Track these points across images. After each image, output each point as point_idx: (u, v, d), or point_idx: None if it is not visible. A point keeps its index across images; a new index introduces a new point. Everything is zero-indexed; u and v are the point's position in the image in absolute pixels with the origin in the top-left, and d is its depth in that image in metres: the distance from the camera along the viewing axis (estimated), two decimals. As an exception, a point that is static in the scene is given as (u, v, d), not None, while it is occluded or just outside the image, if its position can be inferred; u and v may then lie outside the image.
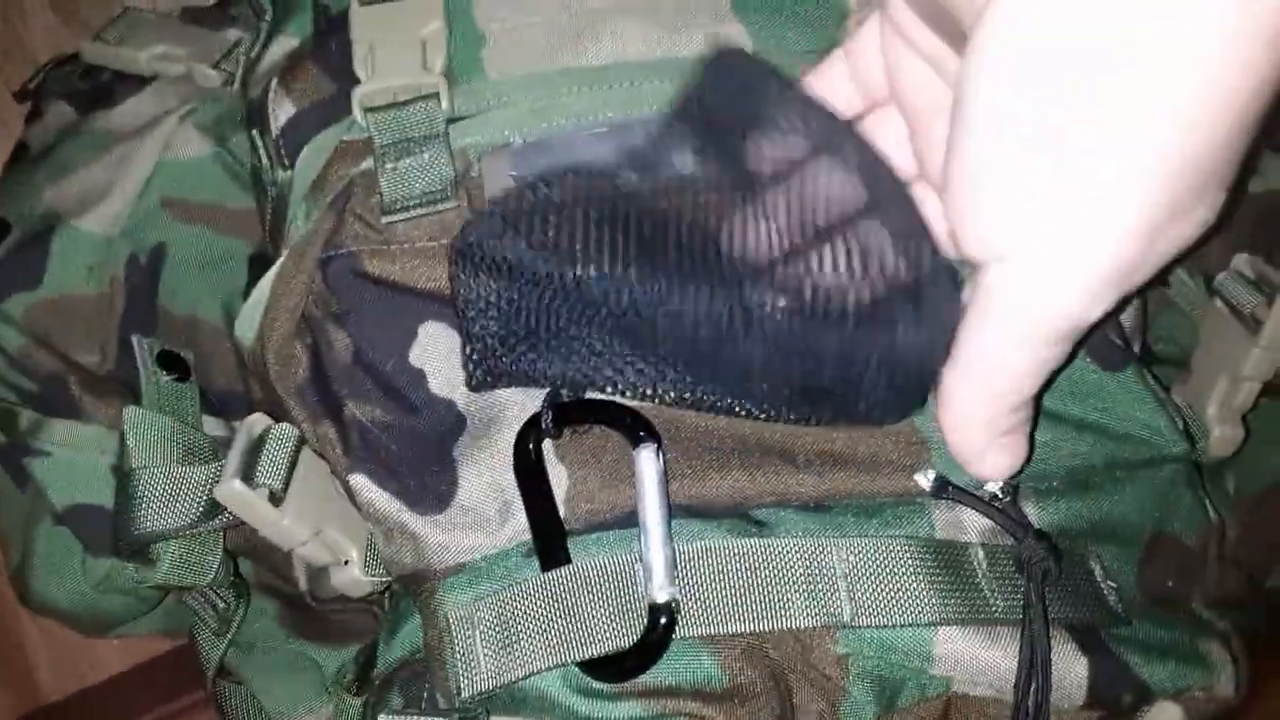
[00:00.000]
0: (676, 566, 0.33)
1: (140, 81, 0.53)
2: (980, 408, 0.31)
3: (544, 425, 0.36)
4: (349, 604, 0.51)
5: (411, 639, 0.42)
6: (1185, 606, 0.39)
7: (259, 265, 0.50)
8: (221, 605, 0.47)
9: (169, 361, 0.48)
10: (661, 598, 0.33)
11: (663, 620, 0.33)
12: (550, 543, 0.35)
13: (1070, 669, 0.35)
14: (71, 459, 0.45)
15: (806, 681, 0.35)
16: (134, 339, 0.48)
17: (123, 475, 0.41)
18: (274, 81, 0.43)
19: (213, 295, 0.51)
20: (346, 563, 0.40)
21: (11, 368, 0.47)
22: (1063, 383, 0.37)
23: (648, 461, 0.34)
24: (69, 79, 0.56)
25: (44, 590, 0.48)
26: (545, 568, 0.35)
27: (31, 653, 0.86)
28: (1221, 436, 0.41)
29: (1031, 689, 0.34)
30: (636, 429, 0.35)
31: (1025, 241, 0.27)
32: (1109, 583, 0.37)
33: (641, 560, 0.33)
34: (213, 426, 0.49)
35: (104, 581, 0.46)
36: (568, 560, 0.35)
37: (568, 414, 0.36)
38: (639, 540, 0.34)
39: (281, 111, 0.43)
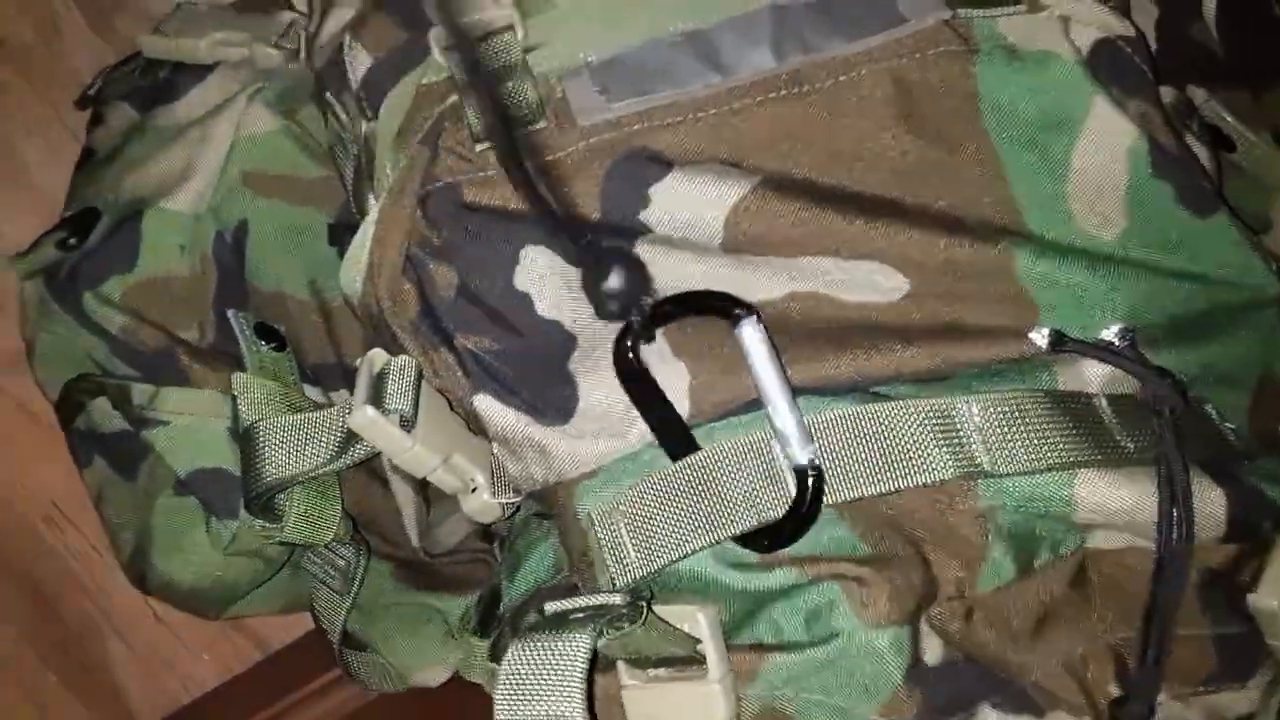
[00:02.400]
0: (809, 430, 0.34)
1: (200, 71, 0.54)
2: None
3: (634, 328, 0.36)
4: (460, 557, 0.52)
5: (535, 574, 0.44)
6: (1299, 446, 0.40)
7: (339, 233, 0.51)
8: (343, 563, 0.48)
9: (265, 333, 0.49)
10: (803, 458, 0.33)
11: (811, 480, 0.33)
12: (674, 436, 0.36)
13: (1207, 500, 0.35)
14: (189, 424, 0.46)
15: (945, 550, 0.36)
16: (230, 313, 0.49)
17: (245, 430, 0.42)
18: (347, 37, 0.44)
19: (296, 269, 0.52)
20: (474, 490, 0.41)
21: (118, 346, 0.48)
22: (1155, 231, 0.38)
23: (751, 334, 0.34)
24: (127, 79, 0.57)
25: (167, 568, 0.49)
26: (675, 458, 0.36)
27: (119, 672, 0.87)
28: (1314, 277, 0.42)
29: (1174, 522, 0.34)
30: (730, 307, 0.35)
31: None
32: (1226, 423, 0.38)
33: (774, 429, 0.34)
34: (312, 394, 0.50)
35: (231, 544, 0.46)
36: (696, 449, 0.36)
37: (661, 314, 0.37)
38: (767, 413, 0.34)
39: (359, 64, 0.44)
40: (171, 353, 0.47)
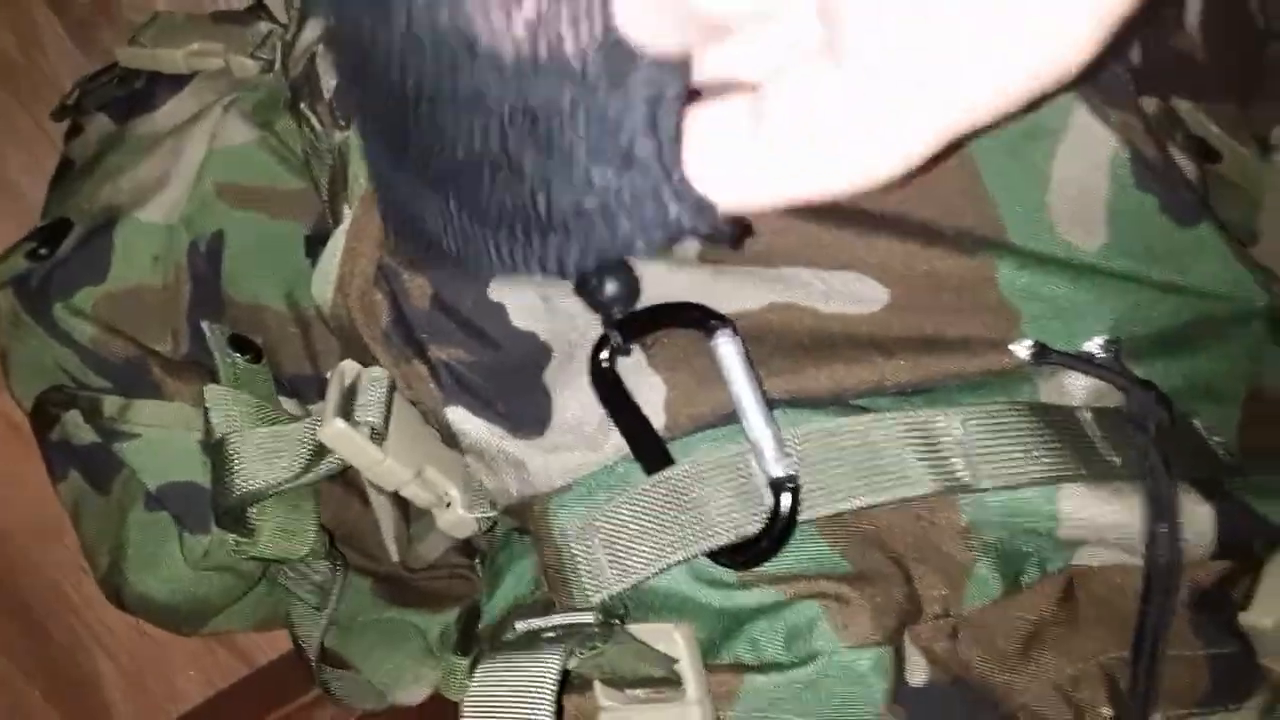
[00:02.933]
0: (785, 443, 0.33)
1: (177, 81, 0.54)
2: None
3: (610, 340, 0.36)
4: (440, 572, 0.52)
5: (515, 590, 0.43)
6: (1291, 461, 0.39)
7: (316, 244, 0.51)
8: (319, 578, 0.47)
9: (240, 345, 0.49)
10: (778, 471, 0.33)
11: (785, 494, 0.33)
12: (649, 449, 0.35)
13: (1195, 516, 0.34)
14: (161, 437, 0.46)
15: (928, 567, 0.35)
16: (204, 324, 0.49)
17: (216, 443, 0.41)
18: (319, 46, 0.44)
19: (273, 281, 0.51)
20: (449, 505, 0.40)
21: (88, 357, 0.47)
22: (1139, 243, 0.37)
23: (727, 346, 0.34)
24: (105, 90, 0.57)
25: (140, 582, 0.48)
26: (650, 472, 0.35)
27: (105, 687, 0.86)
28: (1303, 286, 0.41)
29: (1161, 539, 0.34)
30: (705, 319, 0.35)
31: None
32: (1215, 438, 0.37)
33: (750, 442, 0.33)
34: (289, 407, 0.50)
35: (203, 559, 0.46)
36: (670, 462, 0.35)
37: (635, 326, 0.36)
38: (743, 426, 0.34)
39: (330, 74, 0.43)
40: (143, 364, 0.47)
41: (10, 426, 0.78)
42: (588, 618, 0.33)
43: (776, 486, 0.33)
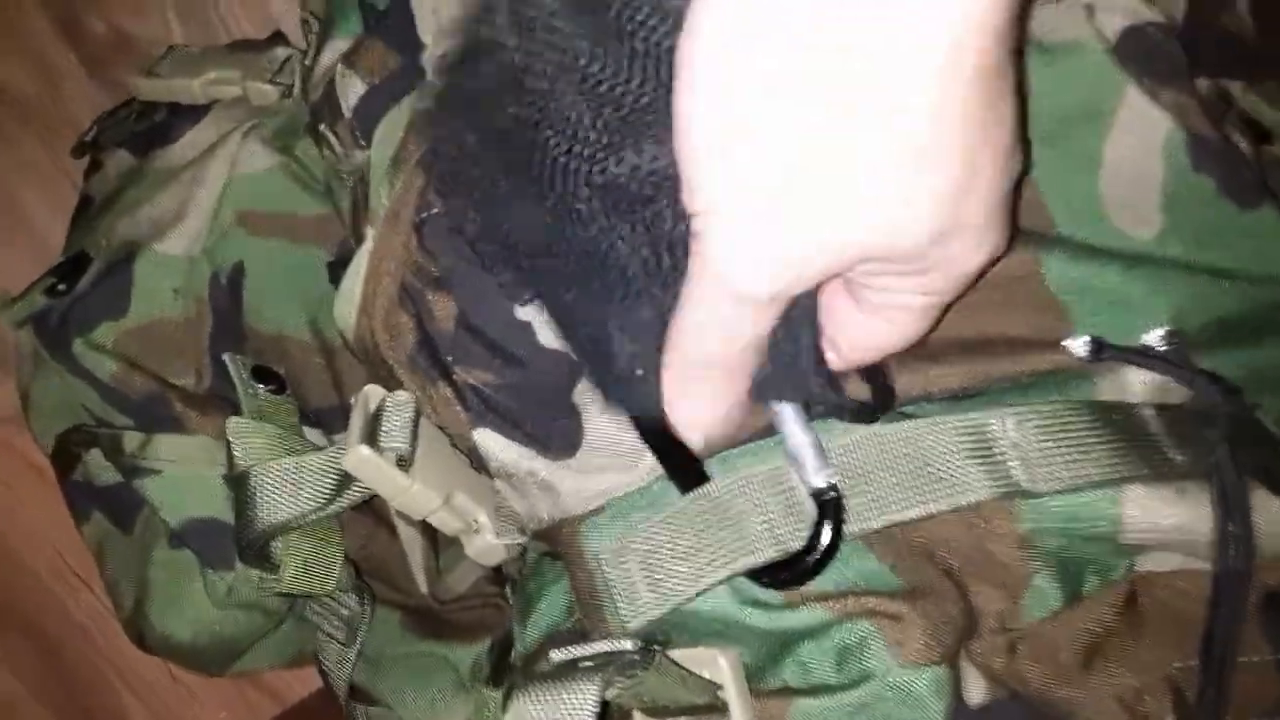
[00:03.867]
0: (826, 453, 0.32)
1: (195, 112, 0.53)
2: (670, 352, 0.30)
3: None
4: (471, 602, 0.50)
5: (549, 618, 0.41)
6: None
7: (339, 270, 0.50)
8: (346, 612, 0.46)
9: (264, 376, 0.48)
10: (819, 482, 0.31)
11: (829, 504, 0.31)
12: (684, 468, 0.34)
13: (1266, 513, 0.32)
14: (182, 473, 0.45)
15: (984, 580, 0.33)
16: (226, 357, 0.48)
17: (238, 476, 0.40)
18: (340, 65, 0.43)
19: (297, 310, 0.50)
20: (478, 531, 0.39)
21: (109, 394, 0.46)
22: (1197, 228, 0.36)
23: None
24: (123, 125, 0.56)
25: (164, 624, 0.47)
26: (685, 491, 0.33)
27: (134, 727, 0.85)
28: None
29: (1231, 540, 0.32)
30: None
31: (732, 202, 0.26)
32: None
33: (788, 453, 0.32)
34: (314, 438, 0.48)
35: (228, 597, 0.44)
36: (706, 479, 0.33)
37: None
38: (782, 436, 0.32)
39: (351, 91, 0.43)
40: (164, 399, 0.46)
41: (34, 470, 0.77)
42: (626, 644, 0.31)
43: (818, 498, 0.31)
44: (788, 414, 0.32)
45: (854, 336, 0.30)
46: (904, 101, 0.24)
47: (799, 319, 0.29)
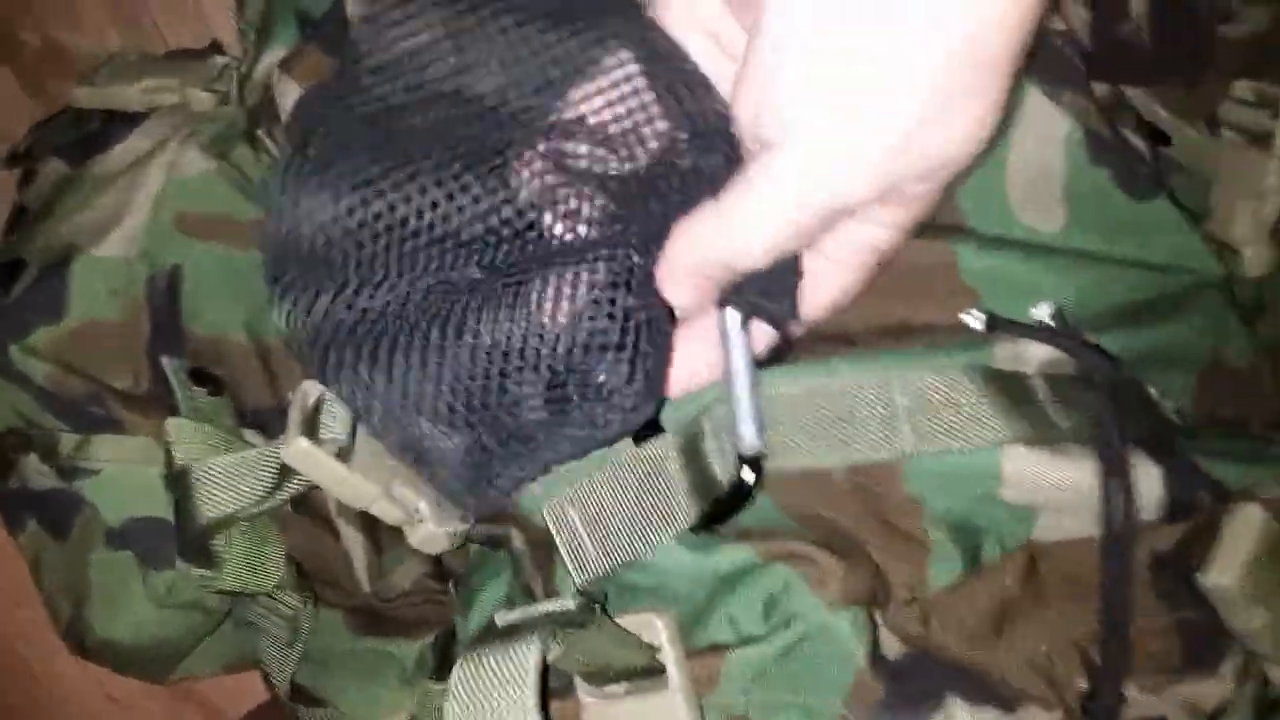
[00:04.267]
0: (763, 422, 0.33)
1: (132, 120, 0.53)
2: (691, 254, 0.32)
3: None
4: (414, 599, 0.50)
5: (491, 608, 0.42)
6: (1245, 429, 0.40)
7: (276, 272, 0.50)
8: (288, 611, 0.46)
9: (202, 379, 0.48)
10: (756, 446, 0.33)
11: (754, 461, 0.33)
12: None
13: (1146, 477, 0.35)
14: (122, 472, 0.45)
15: (885, 549, 0.35)
16: (164, 360, 0.48)
17: (178, 472, 0.40)
18: (277, 71, 0.44)
19: (234, 313, 0.50)
20: (420, 521, 0.39)
21: (44, 398, 0.46)
22: (1097, 219, 0.38)
23: (734, 315, 0.33)
24: (58, 133, 0.56)
25: (104, 626, 0.46)
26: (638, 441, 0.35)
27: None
28: (1255, 255, 0.42)
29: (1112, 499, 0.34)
30: None
31: (813, 114, 0.28)
32: (1168, 403, 0.38)
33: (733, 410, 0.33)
34: (252, 438, 0.49)
35: (168, 595, 0.44)
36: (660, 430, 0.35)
37: None
38: (728, 392, 0.33)
39: (288, 95, 0.43)
40: (102, 400, 0.46)
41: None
42: (568, 602, 0.32)
43: (748, 460, 0.33)
44: (742, 374, 0.33)
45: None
46: (979, 13, 0.26)
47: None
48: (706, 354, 0.33)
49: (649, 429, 0.34)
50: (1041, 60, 0.38)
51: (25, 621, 0.80)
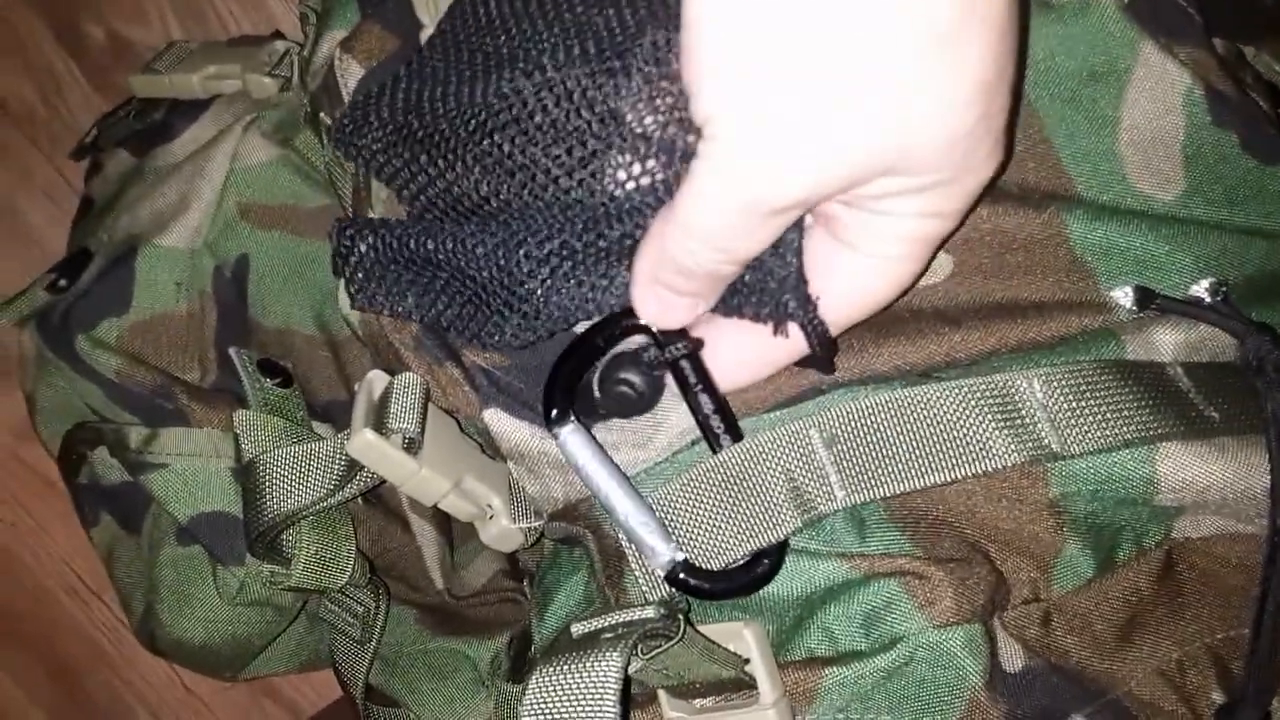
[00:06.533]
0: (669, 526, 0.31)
1: (195, 109, 0.53)
2: (652, 258, 0.29)
3: (659, 356, 0.33)
4: (488, 598, 0.49)
5: (567, 608, 0.40)
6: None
7: (342, 261, 0.49)
8: (361, 609, 0.45)
9: (270, 370, 0.47)
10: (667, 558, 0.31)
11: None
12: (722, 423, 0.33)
13: None
14: (189, 467, 0.44)
15: (1011, 550, 0.32)
16: (232, 351, 0.47)
17: (247, 465, 0.39)
18: (338, 51, 0.42)
19: (302, 304, 0.49)
20: (492, 517, 0.38)
21: (113, 390, 0.45)
22: (1219, 186, 0.35)
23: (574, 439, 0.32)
24: (123, 125, 0.55)
25: (176, 624, 0.46)
26: (716, 450, 0.32)
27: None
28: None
29: None
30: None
31: (732, 102, 0.25)
32: None
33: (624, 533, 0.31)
34: (323, 432, 0.48)
35: (239, 593, 0.43)
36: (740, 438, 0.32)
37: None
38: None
39: (350, 76, 0.42)
40: (170, 393, 0.45)
41: (44, 482, 0.77)
42: (650, 612, 0.30)
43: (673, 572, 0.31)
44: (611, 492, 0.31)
45: (842, 289, 0.29)
46: None
47: (789, 239, 0.28)
48: (754, 344, 0.31)
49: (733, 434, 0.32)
50: (1156, 12, 0.35)
51: (104, 615, 0.81)
